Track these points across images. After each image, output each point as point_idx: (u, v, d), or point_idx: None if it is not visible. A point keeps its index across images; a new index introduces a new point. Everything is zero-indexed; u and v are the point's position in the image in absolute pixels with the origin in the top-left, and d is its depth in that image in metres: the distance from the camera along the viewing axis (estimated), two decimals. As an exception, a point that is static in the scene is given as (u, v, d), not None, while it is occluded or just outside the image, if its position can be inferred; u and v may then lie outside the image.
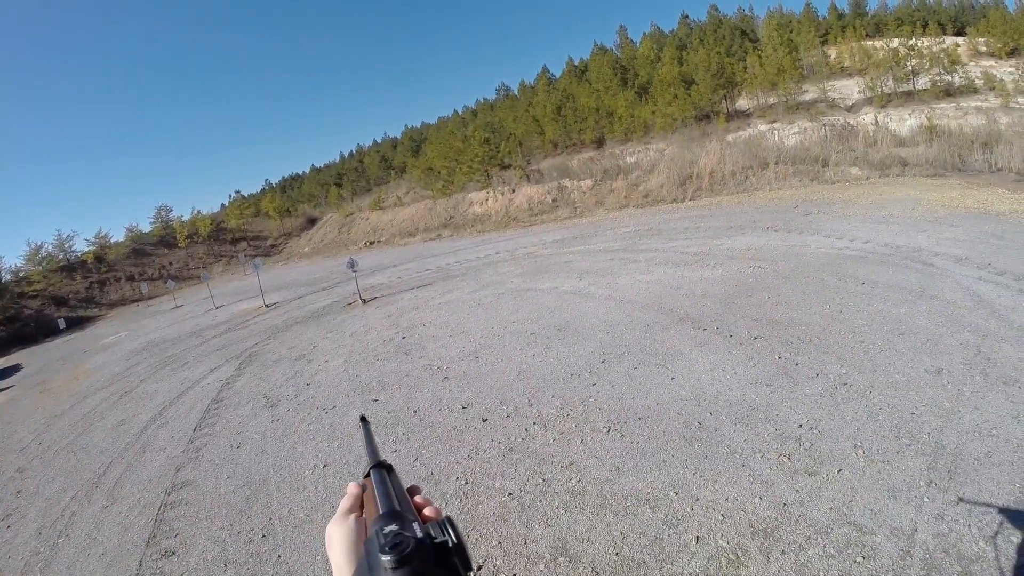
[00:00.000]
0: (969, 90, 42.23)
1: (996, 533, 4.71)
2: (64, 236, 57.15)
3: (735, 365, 8.99)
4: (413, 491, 0.98)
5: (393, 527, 0.74)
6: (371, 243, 50.30)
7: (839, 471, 5.88)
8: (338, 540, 0.87)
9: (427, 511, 0.91)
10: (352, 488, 1.00)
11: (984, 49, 53.17)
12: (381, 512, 0.84)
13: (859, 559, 4.69)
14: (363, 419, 1.27)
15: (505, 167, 50.65)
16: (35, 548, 7.90)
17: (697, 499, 5.87)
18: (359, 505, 0.96)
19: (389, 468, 1.01)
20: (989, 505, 5.03)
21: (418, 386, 10.74)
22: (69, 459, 11.18)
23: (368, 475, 1.00)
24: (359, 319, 17.88)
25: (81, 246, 58.55)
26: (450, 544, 0.74)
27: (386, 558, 0.67)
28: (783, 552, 4.93)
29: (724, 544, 5.16)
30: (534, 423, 8.31)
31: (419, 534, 0.73)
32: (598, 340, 11.29)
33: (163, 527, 7.63)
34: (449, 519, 0.80)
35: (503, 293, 17.11)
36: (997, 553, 4.50)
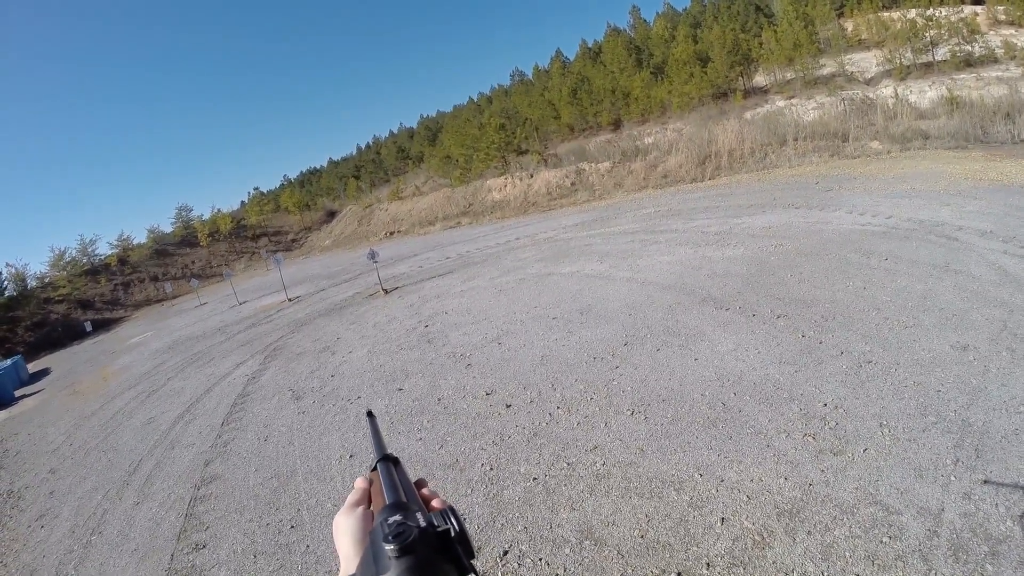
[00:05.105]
0: (989, 60, 41.25)
1: None
2: (87, 240, 58.32)
3: (758, 344, 8.94)
4: (420, 484, 1.00)
5: (397, 517, 0.75)
6: (391, 233, 50.53)
7: (865, 450, 5.84)
8: (345, 531, 0.89)
9: (434, 503, 0.91)
10: (359, 482, 1.02)
11: (1004, 17, 51.72)
12: (387, 504, 0.86)
13: (885, 539, 4.67)
14: (369, 414, 1.29)
15: (522, 153, 50.50)
16: (68, 547, 8.09)
17: (722, 480, 5.86)
18: (366, 498, 0.98)
19: (396, 461, 1.02)
20: (1016, 485, 4.97)
21: (442, 374, 10.81)
22: (100, 458, 11.40)
23: (375, 468, 1.02)
24: (381, 310, 17.99)
25: (104, 249, 59.79)
26: (452, 532, 0.75)
27: (389, 547, 0.68)
28: (809, 533, 4.92)
29: (750, 525, 5.16)
30: (558, 407, 8.34)
31: (422, 523, 0.74)
32: (620, 323, 11.28)
33: (193, 521, 7.77)
34: (451, 508, 0.81)
35: (524, 279, 17.13)
36: None
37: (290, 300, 25.62)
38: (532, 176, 43.99)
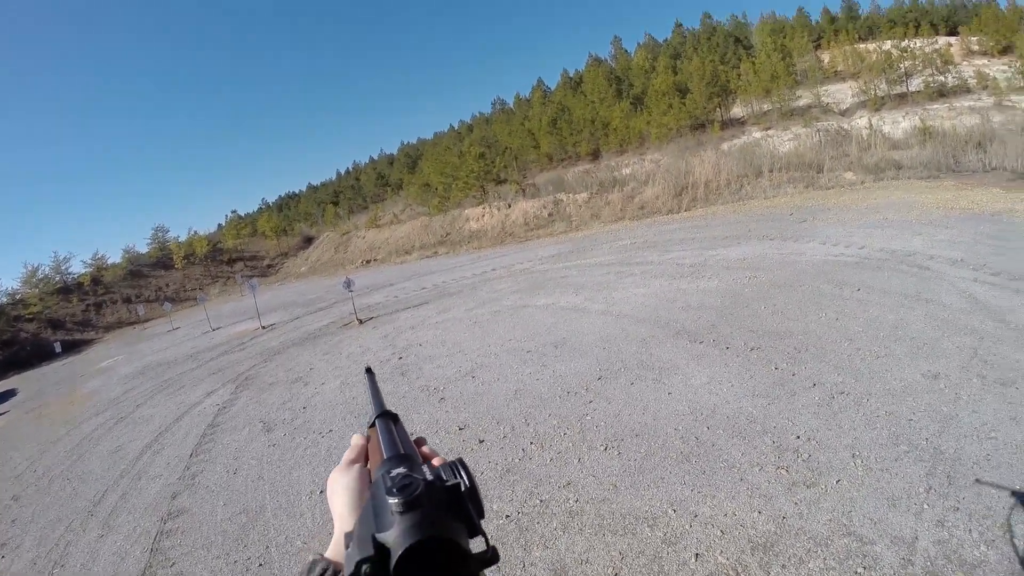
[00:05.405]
0: (962, 90, 42.45)
1: (997, 538, 4.66)
2: (61, 258, 57.58)
3: (732, 377, 8.94)
4: (419, 442, 0.94)
5: (401, 469, 0.70)
6: (368, 261, 50.34)
7: (838, 481, 5.82)
8: (341, 487, 0.84)
9: (435, 461, 0.84)
10: (356, 439, 0.97)
11: (977, 48, 53.44)
12: (386, 456, 0.80)
13: (860, 570, 4.62)
14: (368, 370, 1.25)
15: (501, 182, 50.76)
16: (30, 580, 7.83)
17: (696, 515, 5.80)
18: (363, 456, 0.93)
19: (395, 418, 0.97)
20: (988, 511, 4.97)
21: (415, 408, 10.66)
22: (64, 487, 11.09)
23: (372, 425, 0.97)
24: (355, 340, 17.83)
25: (78, 268, 59.10)
26: (463, 487, 0.71)
27: (393, 500, 0.62)
28: (783, 566, 4.86)
29: (724, 560, 5.10)
30: (531, 443, 8.24)
31: (429, 477, 0.70)
32: (595, 356, 11.23)
33: (159, 556, 7.54)
34: (461, 461, 0.76)
35: (499, 311, 17.07)
36: (1002, 555, 4.45)
37: (264, 327, 25.34)
38: (510, 206, 44.14)
